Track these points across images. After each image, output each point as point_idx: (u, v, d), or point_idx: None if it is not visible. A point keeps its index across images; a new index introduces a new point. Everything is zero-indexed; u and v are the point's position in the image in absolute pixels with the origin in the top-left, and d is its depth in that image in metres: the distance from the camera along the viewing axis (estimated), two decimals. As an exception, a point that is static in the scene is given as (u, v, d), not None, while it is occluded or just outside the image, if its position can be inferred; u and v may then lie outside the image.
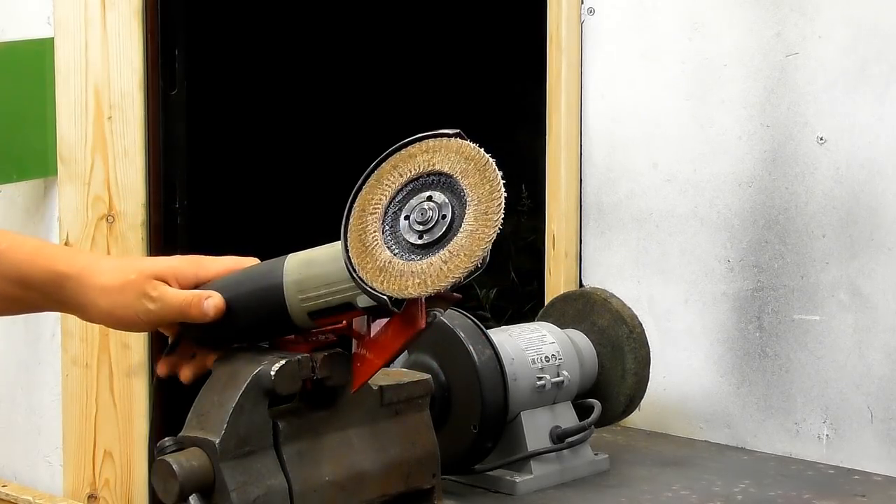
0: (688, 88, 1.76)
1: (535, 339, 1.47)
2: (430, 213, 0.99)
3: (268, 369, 1.08)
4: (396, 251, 0.99)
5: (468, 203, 0.99)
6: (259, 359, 1.10)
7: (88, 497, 2.36)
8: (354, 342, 1.10)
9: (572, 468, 1.46)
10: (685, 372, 1.78)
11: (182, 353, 1.16)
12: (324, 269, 1.06)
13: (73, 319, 2.33)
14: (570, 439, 1.44)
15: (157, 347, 2.37)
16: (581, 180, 1.89)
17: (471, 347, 1.37)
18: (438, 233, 0.99)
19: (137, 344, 2.33)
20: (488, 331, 1.40)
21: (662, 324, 1.78)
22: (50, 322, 2.38)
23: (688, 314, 1.77)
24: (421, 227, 1.00)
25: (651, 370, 1.57)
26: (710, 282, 1.75)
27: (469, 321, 1.39)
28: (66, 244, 2.33)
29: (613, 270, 1.84)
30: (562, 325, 1.56)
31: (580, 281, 1.87)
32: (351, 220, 1.02)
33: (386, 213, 1.02)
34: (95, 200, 2.31)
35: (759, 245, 1.70)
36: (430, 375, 1.29)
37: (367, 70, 3.84)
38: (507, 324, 1.50)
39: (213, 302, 1.10)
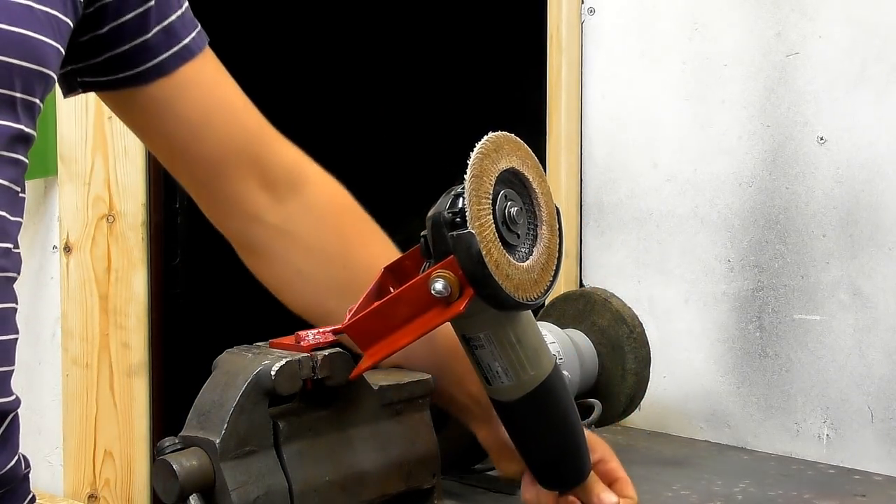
0: (688, 88, 1.76)
1: (535, 339, 1.47)
2: (518, 215, 0.96)
3: (268, 369, 1.08)
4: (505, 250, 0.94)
5: (541, 221, 0.99)
6: (259, 359, 1.10)
7: (89, 497, 2.36)
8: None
9: (572, 468, 1.45)
10: (685, 372, 1.78)
11: None
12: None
13: (73, 319, 2.34)
14: (571, 439, 1.44)
15: (158, 347, 2.37)
16: (581, 180, 1.89)
17: (471, 347, 1.36)
18: (520, 238, 0.96)
19: (137, 344, 2.33)
20: (488, 331, 1.40)
21: (662, 324, 1.78)
22: (50, 322, 2.38)
23: (688, 314, 1.77)
24: (510, 225, 0.95)
25: (651, 370, 1.57)
26: (710, 282, 1.75)
27: (469, 321, 1.38)
28: (66, 245, 2.33)
29: (613, 270, 1.84)
30: (562, 324, 1.56)
31: (580, 281, 1.88)
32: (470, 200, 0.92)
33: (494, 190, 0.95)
34: (96, 200, 2.31)
35: (759, 245, 1.70)
36: (430, 375, 1.29)
37: (368, 69, 3.85)
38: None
39: None
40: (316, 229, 1.12)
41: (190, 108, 1.06)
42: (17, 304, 0.98)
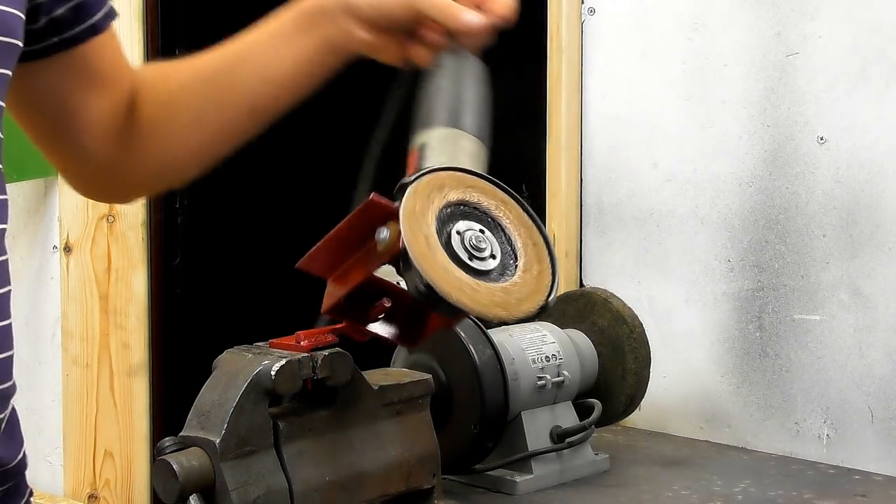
0: (688, 88, 1.76)
1: (535, 338, 1.48)
2: (483, 244, 0.96)
3: (268, 369, 1.08)
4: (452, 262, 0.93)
5: (519, 255, 0.98)
6: (259, 359, 1.10)
7: (89, 497, 2.36)
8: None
9: (572, 468, 1.46)
10: (685, 372, 1.78)
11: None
12: None
13: (73, 319, 2.34)
14: (571, 439, 1.44)
15: (158, 347, 2.37)
16: (581, 180, 1.89)
17: (471, 347, 1.37)
18: (490, 266, 0.95)
19: (137, 344, 2.33)
20: (489, 331, 1.40)
21: (662, 324, 1.78)
22: (50, 322, 2.38)
23: (688, 314, 1.77)
24: (473, 252, 0.94)
25: (651, 370, 1.57)
26: (710, 282, 1.75)
27: (469, 321, 1.39)
28: (66, 245, 2.33)
29: (614, 270, 1.84)
30: (562, 324, 1.56)
31: (580, 281, 1.88)
32: (406, 197, 0.93)
33: (439, 219, 0.95)
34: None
35: (759, 245, 1.70)
36: (430, 375, 1.29)
37: (368, 68, 3.84)
38: (507, 324, 1.50)
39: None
40: (148, 91, 1.14)
41: (96, 74, 1.09)
42: (10, 286, 0.98)
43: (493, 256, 0.95)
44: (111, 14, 1.10)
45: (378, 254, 0.95)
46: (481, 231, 0.96)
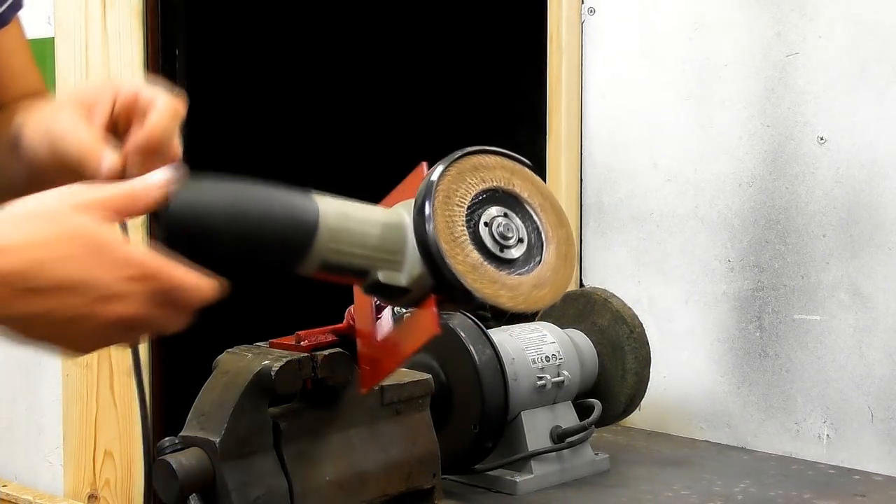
0: (688, 88, 1.76)
1: (535, 338, 1.48)
2: (510, 231, 0.98)
3: (268, 369, 1.08)
4: (481, 255, 0.96)
5: (548, 240, 1.00)
6: (259, 359, 1.10)
7: (89, 497, 2.36)
8: (360, 342, 1.09)
9: (572, 468, 1.46)
10: (685, 372, 1.78)
11: None
12: (362, 228, 0.96)
13: (73, 319, 2.34)
14: (571, 439, 1.44)
15: (158, 347, 2.37)
16: (581, 180, 1.89)
17: (471, 347, 1.37)
18: (517, 254, 0.98)
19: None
20: (489, 330, 1.40)
21: (662, 324, 1.78)
22: (50, 322, 2.38)
23: (688, 314, 1.77)
24: (501, 241, 0.97)
25: (651, 370, 1.57)
26: (710, 282, 1.75)
27: (469, 321, 1.39)
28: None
29: (613, 270, 1.84)
30: (562, 324, 1.56)
31: (580, 281, 1.87)
32: (435, 200, 0.95)
33: (469, 210, 0.97)
34: (96, 200, 2.31)
35: (759, 245, 1.70)
36: (430, 375, 1.29)
37: (369, 69, 3.84)
38: (507, 324, 1.50)
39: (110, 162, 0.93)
40: None
41: None
42: None
43: (520, 240, 0.98)
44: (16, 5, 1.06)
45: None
46: (505, 215, 0.98)
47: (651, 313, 1.77)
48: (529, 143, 2.08)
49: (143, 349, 2.33)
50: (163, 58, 2.34)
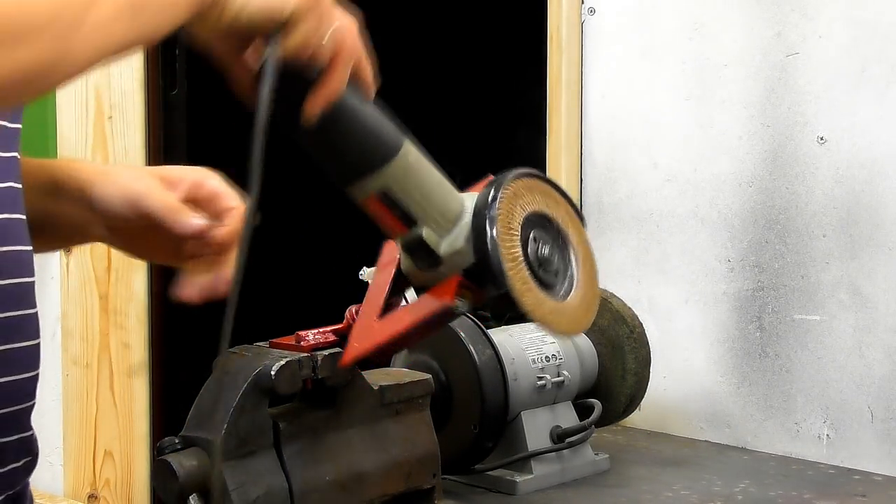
0: (688, 88, 1.76)
1: (535, 338, 1.48)
2: (550, 254, 0.99)
3: (268, 369, 1.08)
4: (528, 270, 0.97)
5: (579, 265, 1.02)
6: (259, 359, 1.10)
7: (89, 497, 2.36)
8: (358, 323, 1.06)
9: (573, 468, 1.46)
10: (685, 372, 1.78)
11: None
12: (431, 182, 0.97)
13: (73, 319, 2.34)
14: (571, 439, 1.44)
15: (158, 347, 2.37)
16: (581, 180, 1.89)
17: (471, 347, 1.37)
18: (552, 278, 0.99)
19: (138, 344, 2.33)
20: (489, 331, 1.40)
21: (662, 324, 1.78)
22: (50, 322, 2.38)
23: (688, 314, 1.77)
24: (541, 261, 0.98)
25: (651, 370, 1.57)
26: (710, 282, 1.75)
27: (469, 321, 1.39)
28: (66, 244, 2.33)
29: (613, 270, 1.84)
30: (562, 325, 1.56)
31: (580, 280, 1.87)
32: (502, 192, 0.95)
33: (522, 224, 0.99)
34: (96, 200, 2.31)
35: (759, 245, 1.70)
36: (430, 375, 1.29)
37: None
38: (507, 324, 1.50)
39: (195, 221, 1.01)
40: None
41: None
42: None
43: (556, 273, 0.99)
44: None
45: (455, 315, 0.98)
46: (547, 243, 0.99)
47: (651, 313, 1.77)
48: (529, 143, 2.08)
49: (143, 349, 2.33)
50: (163, 58, 2.34)
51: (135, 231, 1.05)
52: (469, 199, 0.98)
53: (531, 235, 0.98)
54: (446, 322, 0.99)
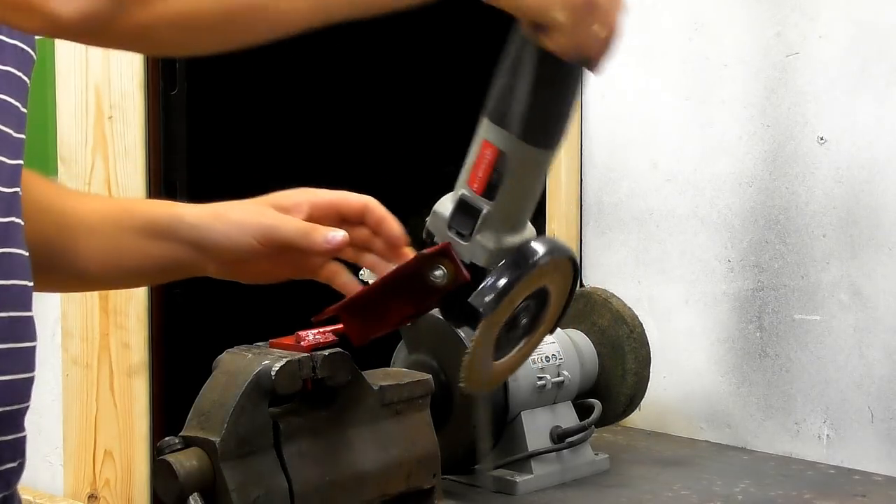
0: (688, 88, 1.76)
1: (535, 339, 1.47)
2: (521, 325, 1.00)
3: (268, 369, 1.08)
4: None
5: (531, 341, 1.03)
6: (259, 359, 1.10)
7: (89, 497, 2.36)
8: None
9: (572, 468, 1.46)
10: (685, 372, 1.78)
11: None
12: (530, 191, 0.96)
13: (72, 319, 2.34)
14: (571, 439, 1.44)
15: (158, 347, 2.37)
16: (581, 180, 1.89)
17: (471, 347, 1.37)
18: (503, 343, 0.99)
19: (138, 344, 2.33)
20: (488, 331, 1.40)
21: (662, 324, 1.78)
22: (50, 322, 2.38)
23: (688, 314, 1.77)
24: (511, 326, 0.99)
25: (651, 370, 1.57)
26: (710, 282, 1.75)
27: (469, 321, 1.39)
28: (66, 244, 2.33)
29: (613, 270, 1.84)
30: (562, 325, 1.55)
31: (580, 281, 1.88)
32: (543, 264, 0.95)
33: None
34: (96, 200, 2.31)
35: (759, 245, 1.70)
36: (430, 375, 1.29)
37: (368, 69, 3.85)
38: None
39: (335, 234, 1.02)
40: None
41: None
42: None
43: (509, 340, 0.99)
44: None
45: (435, 289, 0.96)
46: (527, 316, 1.00)
47: (651, 313, 1.77)
48: (529, 143, 2.08)
49: (143, 349, 2.33)
50: (163, 58, 2.34)
51: (253, 260, 1.06)
52: (530, 231, 0.97)
53: (524, 304, 0.97)
54: (420, 289, 0.96)
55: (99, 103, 2.30)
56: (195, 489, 1.04)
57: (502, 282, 0.93)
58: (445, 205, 0.96)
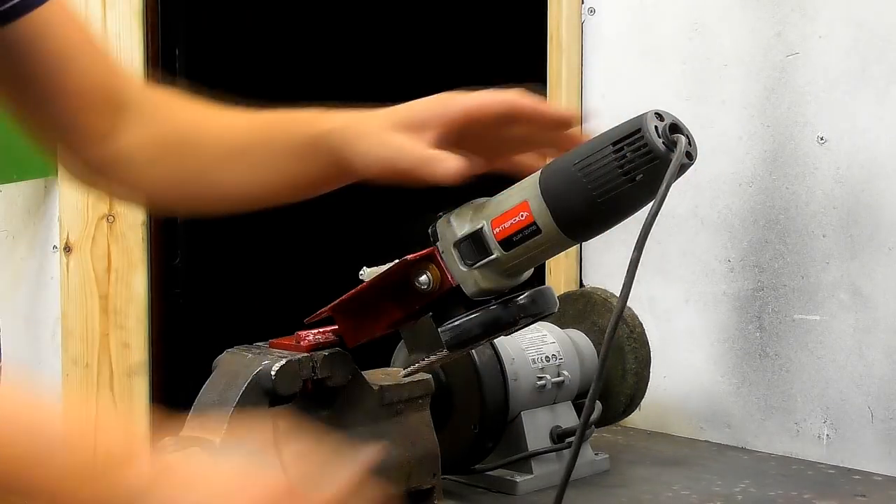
0: (688, 88, 1.76)
1: (535, 338, 1.47)
2: None
3: (268, 369, 1.08)
4: None
5: None
6: (259, 359, 1.10)
7: (89, 497, 2.36)
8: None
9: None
10: (685, 372, 1.78)
11: None
12: (543, 257, 1.01)
13: (73, 319, 2.34)
14: (571, 439, 1.44)
15: (158, 347, 2.37)
16: (581, 180, 1.88)
17: (471, 347, 1.37)
18: None
19: (137, 344, 2.33)
20: (488, 331, 1.40)
21: (662, 324, 1.78)
22: (50, 322, 2.38)
23: (688, 314, 1.77)
24: None
25: (651, 370, 1.57)
26: (710, 282, 1.75)
27: (469, 321, 1.39)
28: (66, 245, 2.33)
29: (613, 270, 1.84)
30: (562, 324, 1.56)
31: (580, 281, 1.87)
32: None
33: None
34: (96, 200, 2.31)
35: (759, 245, 1.70)
36: (430, 375, 1.29)
37: (368, 69, 3.84)
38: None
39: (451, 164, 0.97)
40: (152, 125, 1.12)
41: (55, 44, 1.06)
42: None
43: None
44: None
45: (420, 294, 0.98)
46: None
47: (651, 313, 1.77)
48: (529, 143, 2.07)
49: (143, 349, 2.33)
50: (163, 58, 2.34)
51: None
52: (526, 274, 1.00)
53: None
54: (406, 293, 0.98)
55: (99, 103, 2.30)
56: (195, 489, 1.04)
57: (477, 331, 0.96)
58: (462, 222, 0.98)
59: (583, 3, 1.86)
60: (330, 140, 1.04)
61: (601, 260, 1.87)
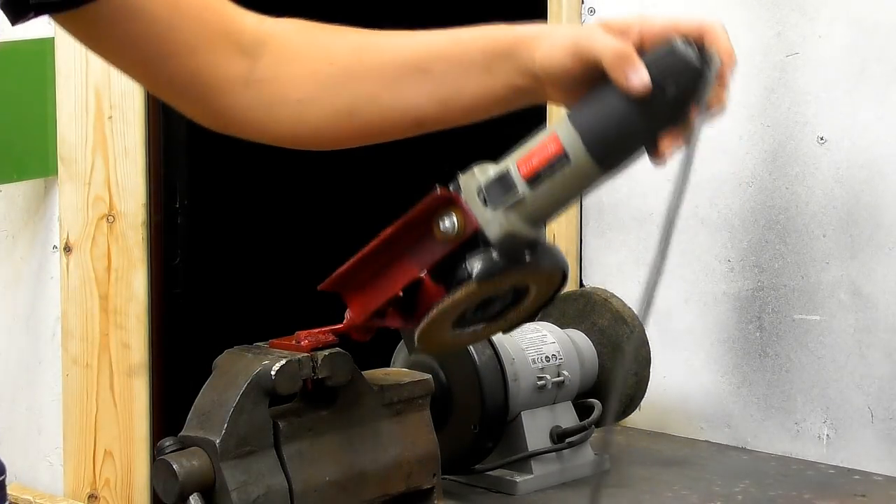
0: (688, 88, 1.76)
1: (535, 339, 1.48)
2: (491, 310, 1.01)
3: (268, 369, 1.08)
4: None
5: (490, 328, 1.05)
6: (259, 359, 1.10)
7: (89, 497, 2.36)
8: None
9: (572, 468, 1.46)
10: (685, 372, 1.78)
11: None
12: (566, 199, 0.98)
13: (73, 319, 2.34)
14: (571, 439, 1.44)
15: (158, 347, 2.37)
16: (581, 180, 1.88)
17: (471, 347, 1.37)
18: (467, 319, 1.01)
19: (138, 344, 2.33)
20: (489, 331, 1.40)
21: (662, 324, 1.78)
22: (50, 322, 2.38)
23: (688, 314, 1.77)
24: (483, 306, 1.00)
25: (651, 370, 1.57)
26: (710, 282, 1.75)
27: (469, 321, 1.39)
28: (66, 244, 2.33)
29: (614, 270, 1.84)
30: (562, 325, 1.56)
31: (580, 281, 1.87)
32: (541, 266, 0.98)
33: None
34: (96, 200, 2.31)
35: (759, 245, 1.70)
36: (430, 375, 1.29)
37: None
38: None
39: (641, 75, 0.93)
40: (299, 60, 1.10)
41: (157, 2, 1.03)
42: None
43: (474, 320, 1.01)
44: None
45: (440, 242, 0.95)
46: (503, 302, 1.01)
47: (651, 313, 1.77)
48: (529, 143, 2.07)
49: (143, 349, 2.33)
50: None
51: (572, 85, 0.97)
52: (542, 234, 0.99)
53: (504, 292, 0.99)
54: (425, 242, 0.96)
55: (99, 103, 2.30)
56: (195, 489, 1.04)
57: (503, 260, 0.93)
58: (486, 170, 0.96)
59: (583, 3, 1.86)
60: (519, 48, 1.02)
61: (601, 260, 1.87)
